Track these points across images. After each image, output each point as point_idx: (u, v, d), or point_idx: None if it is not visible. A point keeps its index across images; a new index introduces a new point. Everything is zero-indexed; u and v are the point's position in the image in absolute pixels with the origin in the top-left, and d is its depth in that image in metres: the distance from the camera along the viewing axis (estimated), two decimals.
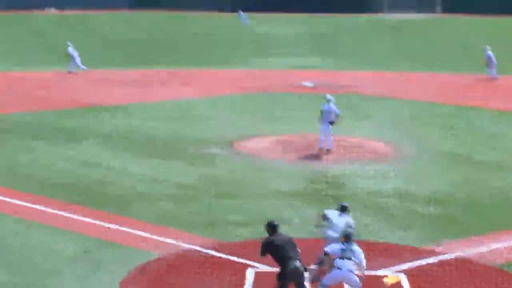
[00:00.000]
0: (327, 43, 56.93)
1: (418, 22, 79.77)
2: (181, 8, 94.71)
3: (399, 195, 17.90)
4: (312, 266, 12.51)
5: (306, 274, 11.64)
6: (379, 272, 12.96)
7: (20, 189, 17.62)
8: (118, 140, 23.15)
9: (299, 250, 11.40)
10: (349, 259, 11.48)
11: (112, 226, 15.28)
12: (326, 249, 11.82)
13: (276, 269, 11.57)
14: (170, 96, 32.02)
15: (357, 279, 11.48)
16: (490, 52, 37.82)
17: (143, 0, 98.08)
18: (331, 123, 21.90)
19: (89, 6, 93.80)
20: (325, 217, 13.00)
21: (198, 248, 14.15)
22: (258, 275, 12.87)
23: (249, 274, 12.91)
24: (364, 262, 11.64)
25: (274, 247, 11.19)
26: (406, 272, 13.18)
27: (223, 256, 13.76)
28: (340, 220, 12.79)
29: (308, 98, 31.39)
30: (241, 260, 13.47)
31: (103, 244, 14.26)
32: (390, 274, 12.75)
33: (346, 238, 11.81)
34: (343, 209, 13.03)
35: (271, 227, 11.42)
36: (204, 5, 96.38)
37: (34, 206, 16.47)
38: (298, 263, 11.13)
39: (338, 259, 11.48)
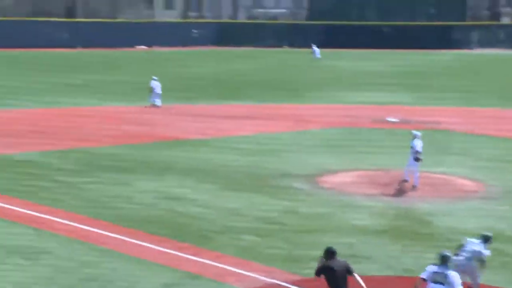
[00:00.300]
0: (414, 79, 56.43)
1: (509, 58, 78.20)
2: (259, 44, 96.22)
3: None
4: None
5: None
6: None
7: (107, 220, 17.92)
8: (201, 173, 23.36)
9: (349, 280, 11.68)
10: (441, 284, 10.94)
11: (196, 258, 15.36)
12: (422, 275, 11.39)
13: None
14: (253, 130, 32.20)
15: None
16: None
17: (227, 38, 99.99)
18: (417, 159, 21.57)
19: (175, 44, 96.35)
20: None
21: (280, 283, 14.06)
22: None
23: None
24: None
25: (330, 271, 11.70)
26: None
27: None
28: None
29: (393, 134, 31.07)
30: None
31: (187, 276, 14.33)
32: None
33: (441, 260, 11.22)
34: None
35: (330, 253, 11.86)
36: (279, 41, 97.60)
37: (120, 237, 16.71)
38: None
39: (430, 283, 11.04)
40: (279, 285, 14.00)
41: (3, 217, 18.26)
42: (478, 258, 12.42)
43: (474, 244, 12.60)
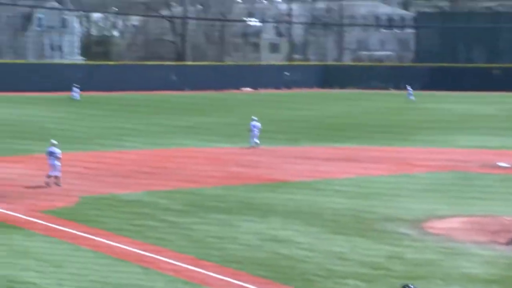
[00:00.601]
0: None
1: None
2: (364, 86, 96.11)
3: None
4: None
5: None
6: None
7: (212, 261, 18.05)
8: (305, 215, 23.29)
9: None
10: None
11: None
12: None
13: None
14: (357, 173, 31.95)
15: None
16: None
17: (332, 80, 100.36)
18: None
19: (280, 86, 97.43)
20: None
21: None
22: None
23: None
24: None
25: None
26: None
27: None
28: None
29: (503, 180, 30.17)
30: None
31: None
32: None
33: None
34: None
35: None
36: (384, 84, 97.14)
37: (225, 278, 16.79)
38: None
39: None
40: None
41: (112, 255, 18.71)
42: None
43: None
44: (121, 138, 43.48)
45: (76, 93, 77.21)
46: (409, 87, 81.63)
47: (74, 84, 78.38)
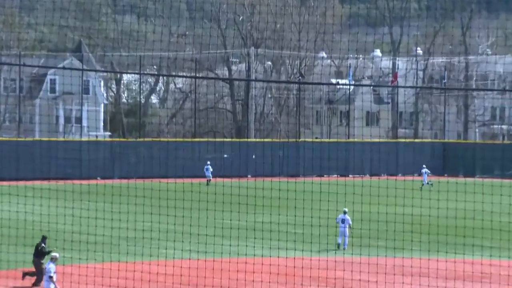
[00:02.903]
0: None
1: None
2: (489, 173, 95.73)
3: None
4: None
5: None
6: None
7: None
8: None
9: None
10: None
11: None
12: None
13: None
14: None
15: None
16: None
17: (451, 164, 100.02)
18: None
19: (378, 172, 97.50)
20: None
21: None
22: None
23: None
24: None
25: None
26: None
27: None
28: None
29: None
30: None
31: None
32: None
33: None
34: None
35: None
36: None
37: None
38: None
39: None
40: None
41: None
42: None
43: None
44: (155, 244, 43.30)
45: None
46: None
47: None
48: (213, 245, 44.08)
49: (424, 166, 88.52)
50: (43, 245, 34.00)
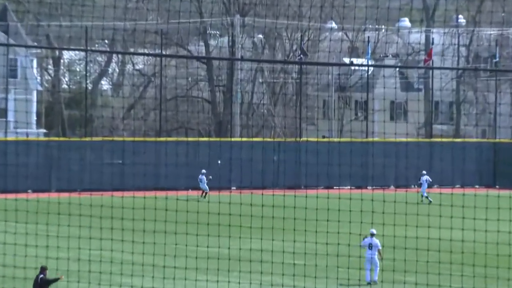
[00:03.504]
0: None
1: None
2: None
3: None
4: None
5: None
6: None
7: None
8: None
9: None
10: None
11: None
12: None
13: None
14: None
15: None
16: None
17: (504, 172, 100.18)
18: None
19: (406, 183, 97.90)
20: None
21: None
22: None
23: None
24: None
25: None
26: None
27: None
28: None
29: None
30: None
31: None
32: None
33: None
34: None
35: None
36: None
37: None
38: None
39: None
40: None
41: None
42: None
43: None
44: (106, 280, 43.18)
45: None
46: None
47: None
48: (184, 280, 44.09)
49: (424, 172, 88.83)
50: (41, 276, 35.84)
